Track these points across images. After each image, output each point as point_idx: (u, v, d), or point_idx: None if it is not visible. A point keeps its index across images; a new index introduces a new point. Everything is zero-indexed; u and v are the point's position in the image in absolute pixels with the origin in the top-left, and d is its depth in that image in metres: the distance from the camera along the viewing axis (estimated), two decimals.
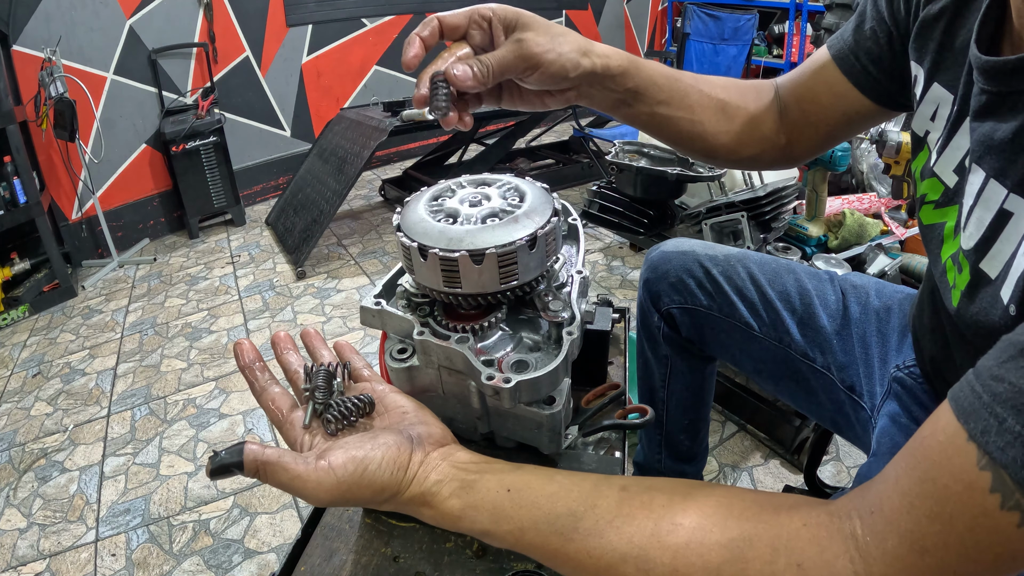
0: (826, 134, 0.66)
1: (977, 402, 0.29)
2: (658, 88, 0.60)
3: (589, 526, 0.38)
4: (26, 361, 2.13)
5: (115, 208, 2.89)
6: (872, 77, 0.60)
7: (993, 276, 0.41)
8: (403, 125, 2.49)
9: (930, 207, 0.52)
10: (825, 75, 0.63)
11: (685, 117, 0.63)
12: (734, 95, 0.66)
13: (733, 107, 0.65)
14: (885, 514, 0.32)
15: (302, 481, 0.39)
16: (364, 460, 0.41)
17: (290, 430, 0.45)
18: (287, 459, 0.40)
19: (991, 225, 0.41)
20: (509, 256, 0.49)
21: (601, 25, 4.46)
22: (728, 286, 0.82)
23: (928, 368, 0.63)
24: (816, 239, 1.40)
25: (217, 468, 0.40)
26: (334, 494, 0.40)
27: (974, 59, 0.44)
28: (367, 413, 0.47)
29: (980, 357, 0.31)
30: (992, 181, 0.41)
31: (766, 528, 0.35)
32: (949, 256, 0.49)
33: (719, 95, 0.65)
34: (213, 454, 0.40)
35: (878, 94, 0.61)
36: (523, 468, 0.43)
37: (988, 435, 0.28)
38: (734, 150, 0.67)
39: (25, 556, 1.33)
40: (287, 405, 0.47)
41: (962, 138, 0.47)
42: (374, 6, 3.51)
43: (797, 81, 0.67)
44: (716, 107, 0.64)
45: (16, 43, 2.49)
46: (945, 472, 0.29)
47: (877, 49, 0.59)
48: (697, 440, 1.03)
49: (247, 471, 0.40)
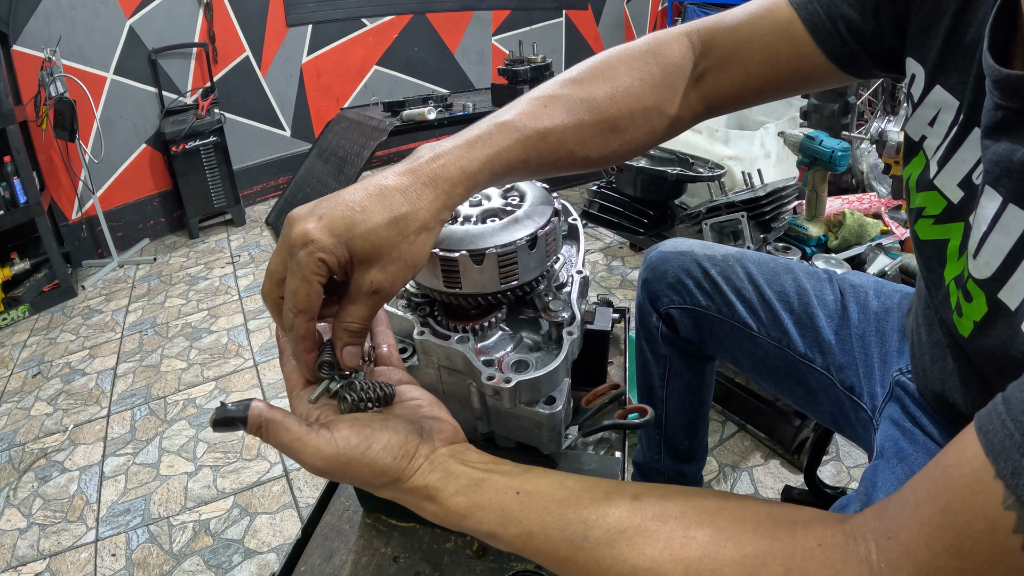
0: (759, 90, 0.58)
1: (1008, 440, 0.28)
2: (525, 164, 0.48)
3: (600, 535, 0.37)
4: (26, 361, 2.13)
5: (115, 208, 2.89)
6: (849, 47, 0.54)
7: (1013, 307, 0.39)
8: (403, 125, 2.49)
9: (928, 221, 0.50)
10: (787, 34, 0.55)
11: (565, 163, 0.52)
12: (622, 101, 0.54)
13: (625, 118, 0.54)
14: (902, 542, 0.31)
15: (302, 444, 0.39)
16: (369, 437, 0.40)
17: (298, 402, 0.44)
18: (291, 421, 0.40)
19: (1012, 253, 0.39)
20: (509, 256, 0.49)
21: (601, 25, 4.46)
22: (726, 286, 0.82)
23: (925, 386, 0.62)
24: (816, 239, 1.40)
25: (221, 419, 0.39)
26: (332, 464, 0.39)
27: (988, 70, 0.41)
28: (386, 404, 0.45)
29: (990, 385, 0.30)
30: (1012, 206, 0.39)
31: (780, 547, 0.34)
32: (953, 279, 0.47)
33: (604, 115, 0.53)
34: (220, 405, 0.39)
35: (850, 64, 0.55)
36: (533, 471, 0.42)
37: (1018, 477, 0.27)
38: (634, 152, 0.58)
39: (25, 556, 1.33)
40: (303, 379, 0.45)
41: (968, 151, 0.44)
42: (374, 6, 3.51)
43: (736, 32, 0.57)
44: (602, 130, 0.53)
45: (16, 43, 2.49)
46: (968, 508, 0.29)
47: (859, 19, 0.53)
48: (697, 440, 1.03)
49: (250, 427, 0.39)
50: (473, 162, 0.44)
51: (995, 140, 0.41)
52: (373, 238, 0.39)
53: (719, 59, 0.58)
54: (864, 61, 0.55)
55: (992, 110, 0.41)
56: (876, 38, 0.53)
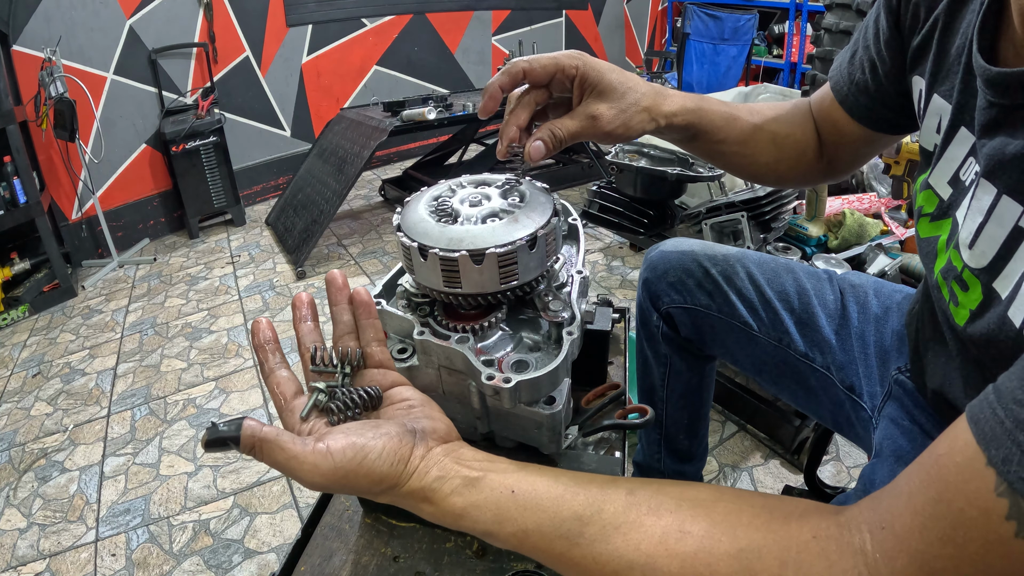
0: (853, 154, 0.70)
1: (999, 428, 0.28)
2: (716, 129, 0.65)
3: (595, 532, 0.38)
4: (26, 361, 2.13)
5: (115, 208, 2.89)
6: (864, 108, 0.63)
7: (1004, 296, 0.40)
8: (403, 125, 2.49)
9: (926, 220, 0.52)
10: (829, 108, 0.67)
11: (739, 152, 0.68)
12: (784, 125, 0.70)
13: (782, 137, 0.70)
14: (896, 532, 0.31)
15: (298, 462, 0.39)
16: (364, 448, 0.40)
17: (290, 416, 0.44)
18: (285, 438, 0.39)
19: (1005, 243, 0.40)
20: (509, 256, 0.49)
21: (601, 25, 4.47)
22: (727, 286, 0.82)
23: (924, 384, 0.62)
24: (816, 239, 1.40)
25: (213, 440, 0.38)
26: (330, 479, 0.39)
27: (979, 70, 0.42)
28: (373, 407, 0.45)
29: (988, 381, 0.31)
30: (1005, 198, 0.40)
31: (775, 539, 0.34)
32: (939, 271, 0.48)
33: (771, 128, 0.69)
34: (211, 424, 0.39)
35: (876, 123, 0.64)
36: (528, 468, 0.42)
37: (1009, 464, 0.27)
38: (782, 176, 0.73)
39: (25, 556, 1.33)
40: (292, 391, 0.45)
41: (956, 148, 0.46)
42: (374, 6, 3.51)
43: (819, 106, 0.70)
44: (768, 140, 0.69)
45: (16, 43, 2.49)
46: (961, 496, 0.29)
47: (863, 78, 0.61)
48: (697, 440, 1.03)
49: (243, 446, 0.39)
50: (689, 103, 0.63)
51: (990, 137, 0.42)
52: (617, 84, 0.57)
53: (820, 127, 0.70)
54: (882, 113, 0.63)
55: (985, 108, 0.42)
56: (878, 88, 0.61)
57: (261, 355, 0.46)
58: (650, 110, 0.59)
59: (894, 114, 0.62)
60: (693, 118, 0.63)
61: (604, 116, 0.56)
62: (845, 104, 0.64)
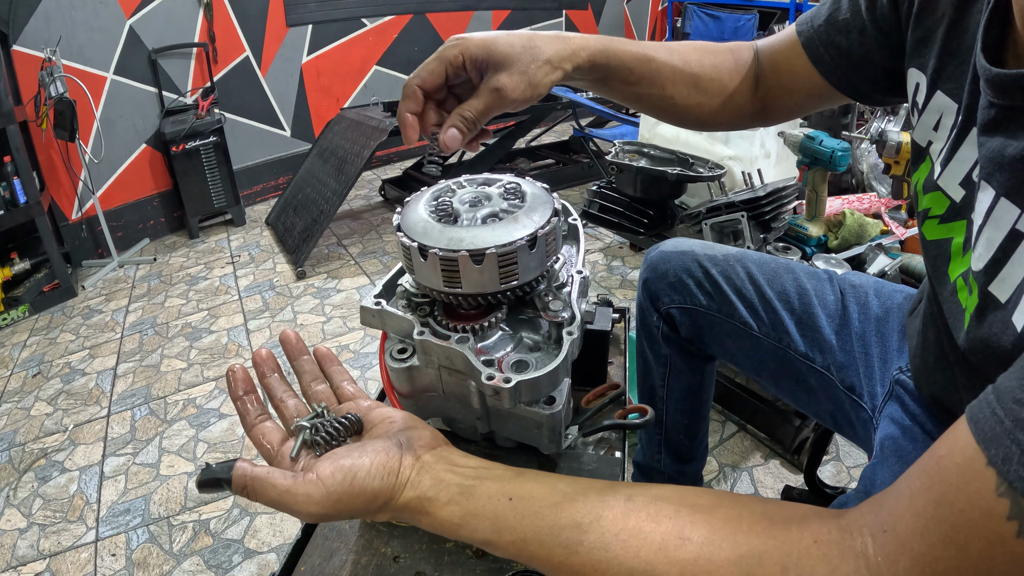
0: (797, 104, 0.69)
1: (999, 427, 0.28)
2: (629, 71, 0.63)
3: (595, 539, 0.37)
4: (26, 361, 2.13)
5: (115, 208, 2.89)
6: (840, 70, 0.61)
7: (1003, 300, 0.40)
8: None
9: (934, 222, 0.50)
10: (793, 55, 0.65)
11: (656, 94, 0.66)
12: (708, 68, 0.67)
13: (707, 80, 0.67)
14: (898, 534, 0.31)
15: (291, 495, 0.39)
16: (352, 468, 0.40)
17: (281, 462, 0.44)
18: (276, 475, 0.40)
19: (1002, 246, 0.39)
20: (509, 256, 0.49)
21: (601, 25, 4.46)
22: (727, 286, 0.82)
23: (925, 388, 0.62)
24: (816, 239, 1.40)
25: (206, 480, 0.40)
26: (325, 506, 0.39)
27: (981, 70, 0.42)
28: (356, 432, 0.46)
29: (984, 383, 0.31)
30: (1003, 200, 0.39)
31: (776, 545, 0.34)
32: (959, 275, 0.47)
33: (692, 70, 0.66)
34: (205, 466, 0.40)
35: (845, 86, 0.62)
36: (524, 474, 0.42)
37: (1009, 464, 0.27)
38: (705, 120, 0.70)
39: (25, 556, 1.33)
40: (278, 439, 0.46)
41: (968, 150, 0.45)
42: (374, 6, 3.51)
43: (774, 50, 0.67)
44: (688, 82, 0.66)
45: (16, 43, 2.48)
46: (962, 497, 0.29)
47: (847, 43, 0.59)
48: (697, 440, 1.03)
49: (235, 487, 0.40)
50: (594, 42, 0.60)
51: (990, 137, 0.42)
52: (508, 49, 0.54)
53: (767, 71, 0.68)
54: (854, 80, 0.61)
55: (986, 108, 0.42)
56: (863, 57, 0.59)
57: (241, 408, 0.47)
58: (551, 60, 0.56)
59: (870, 87, 0.61)
60: (600, 58, 0.60)
61: (507, 85, 0.54)
62: (820, 64, 0.62)
